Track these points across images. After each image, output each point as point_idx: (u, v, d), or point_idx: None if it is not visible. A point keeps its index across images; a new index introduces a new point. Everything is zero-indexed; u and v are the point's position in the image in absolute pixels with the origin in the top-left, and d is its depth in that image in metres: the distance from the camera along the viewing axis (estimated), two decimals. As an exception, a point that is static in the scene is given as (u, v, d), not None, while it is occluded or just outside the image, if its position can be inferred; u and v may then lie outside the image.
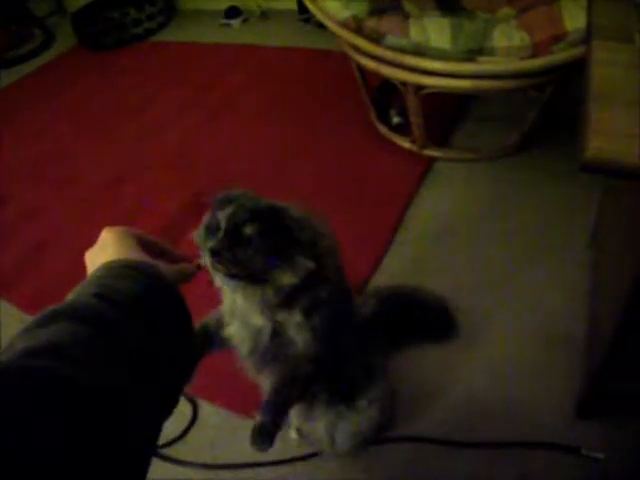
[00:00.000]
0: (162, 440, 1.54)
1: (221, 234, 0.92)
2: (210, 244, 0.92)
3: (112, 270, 0.68)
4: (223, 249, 0.91)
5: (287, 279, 0.96)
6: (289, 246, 0.95)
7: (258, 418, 1.07)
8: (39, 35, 4.08)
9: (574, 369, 1.53)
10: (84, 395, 0.51)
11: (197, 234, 0.99)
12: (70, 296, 0.64)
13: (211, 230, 0.95)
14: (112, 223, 0.82)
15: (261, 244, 0.92)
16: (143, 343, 0.61)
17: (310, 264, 0.97)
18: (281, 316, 1.04)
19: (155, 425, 0.64)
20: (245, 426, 1.56)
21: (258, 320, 1.05)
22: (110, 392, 0.54)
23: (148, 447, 0.62)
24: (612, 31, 1.17)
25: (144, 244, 0.79)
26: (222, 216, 0.94)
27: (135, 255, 0.74)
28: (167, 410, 0.67)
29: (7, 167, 2.81)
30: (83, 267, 2.13)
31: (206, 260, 0.92)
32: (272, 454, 1.37)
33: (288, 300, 1.00)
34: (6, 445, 0.43)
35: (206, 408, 1.63)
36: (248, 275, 0.94)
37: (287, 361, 1.09)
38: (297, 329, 1.05)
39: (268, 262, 0.94)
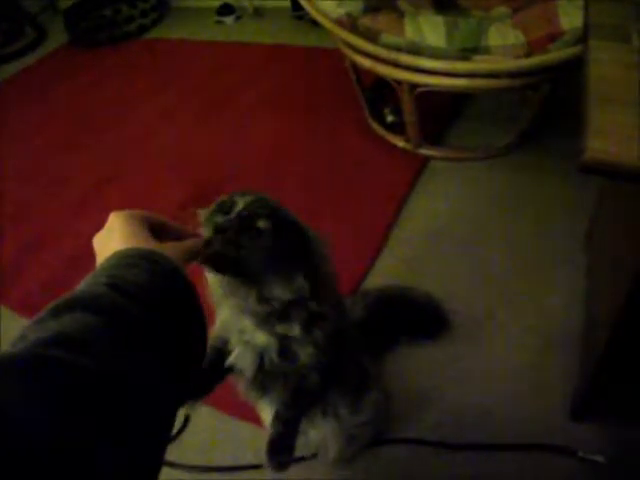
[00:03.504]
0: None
1: (234, 214, 0.88)
2: (218, 219, 0.88)
3: (122, 259, 0.67)
4: (230, 228, 0.86)
5: (278, 292, 0.92)
6: (294, 262, 0.92)
7: (269, 435, 1.06)
8: (30, 32, 4.05)
9: (571, 371, 1.52)
10: (97, 385, 0.51)
11: (204, 211, 0.93)
12: (80, 286, 0.63)
13: (223, 209, 0.90)
14: (105, 222, 0.80)
15: (269, 244, 0.88)
16: (155, 331, 0.61)
17: (306, 287, 0.93)
18: (280, 328, 0.99)
19: (170, 412, 0.63)
20: (239, 428, 1.57)
21: (261, 338, 1.01)
22: (122, 381, 0.54)
23: (164, 434, 0.61)
24: (610, 31, 1.16)
25: (151, 226, 0.77)
26: (241, 200, 0.90)
27: (143, 241, 0.72)
28: (180, 398, 0.68)
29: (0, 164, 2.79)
30: (76, 266, 2.13)
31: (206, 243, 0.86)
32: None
33: (281, 314, 0.97)
34: (17, 439, 0.43)
35: (200, 410, 1.62)
36: (239, 272, 0.89)
37: (293, 375, 1.06)
38: (298, 343, 1.01)
39: (267, 266, 0.90)
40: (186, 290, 0.70)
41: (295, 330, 0.99)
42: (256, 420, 1.42)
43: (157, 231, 0.77)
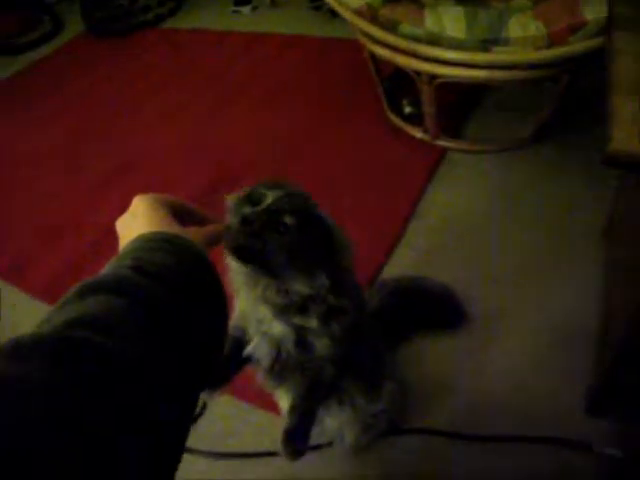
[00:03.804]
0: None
1: (262, 207, 0.88)
2: (245, 210, 0.88)
3: (146, 242, 0.68)
4: (257, 221, 0.86)
5: (298, 287, 0.93)
6: (316, 259, 0.92)
7: (285, 424, 1.07)
8: (48, 21, 4.06)
9: (587, 366, 1.52)
10: (121, 366, 0.51)
11: (232, 198, 0.94)
12: (105, 269, 0.64)
13: (252, 200, 0.90)
14: (123, 210, 0.81)
15: (294, 240, 0.88)
16: (178, 314, 0.61)
17: (326, 284, 0.94)
18: (298, 319, 1.00)
19: (191, 397, 0.64)
20: (256, 416, 1.57)
21: (278, 328, 1.01)
22: (146, 363, 0.54)
23: (186, 418, 0.62)
24: (634, 22, 1.16)
25: (174, 210, 0.78)
26: (270, 193, 0.90)
27: (167, 224, 0.73)
28: (202, 380, 0.67)
29: (18, 153, 2.81)
30: (95, 252, 2.14)
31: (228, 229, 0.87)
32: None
33: (299, 307, 0.98)
34: (45, 419, 0.44)
35: (217, 397, 1.62)
36: (261, 264, 0.90)
37: (310, 366, 1.07)
38: (315, 334, 1.02)
39: (289, 261, 0.90)
40: (209, 274, 0.70)
41: (312, 322, 1.00)
42: (273, 407, 1.43)
43: (179, 215, 0.78)
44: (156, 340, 0.57)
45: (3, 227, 2.39)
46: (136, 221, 0.75)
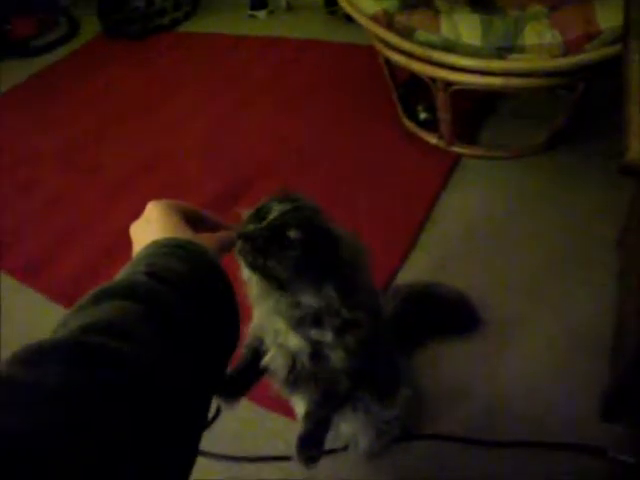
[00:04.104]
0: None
1: (264, 224, 0.88)
2: (248, 227, 0.88)
3: (160, 248, 0.69)
4: (258, 239, 0.86)
5: (307, 300, 0.93)
6: (323, 272, 0.91)
7: (300, 431, 1.08)
8: (64, 24, 4.09)
9: (601, 372, 1.51)
10: (135, 371, 0.52)
11: (247, 213, 0.93)
12: (119, 275, 0.65)
13: (260, 215, 0.90)
14: (137, 213, 0.82)
15: (298, 254, 0.87)
16: (192, 319, 0.62)
17: (335, 297, 0.93)
18: (313, 333, 0.99)
19: (204, 401, 0.65)
20: (271, 420, 1.58)
21: (294, 341, 1.01)
22: (160, 368, 0.55)
23: (198, 422, 0.63)
24: (651, 31, 1.16)
25: (187, 216, 0.79)
26: (277, 207, 0.89)
27: (181, 231, 0.74)
28: (214, 385, 0.69)
29: (34, 154, 2.84)
30: (109, 255, 2.15)
31: (237, 244, 0.88)
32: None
33: (316, 319, 0.97)
34: (55, 422, 0.44)
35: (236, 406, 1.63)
36: (268, 276, 0.90)
37: (324, 378, 1.07)
38: (330, 347, 1.02)
39: (295, 275, 0.89)
40: (221, 280, 0.71)
41: (328, 336, 1.00)
42: (287, 412, 1.44)
43: (192, 221, 0.79)
44: (170, 345, 0.58)
45: (19, 228, 2.40)
46: (150, 227, 0.76)
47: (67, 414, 0.45)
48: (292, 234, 0.87)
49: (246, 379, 1.10)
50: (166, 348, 0.57)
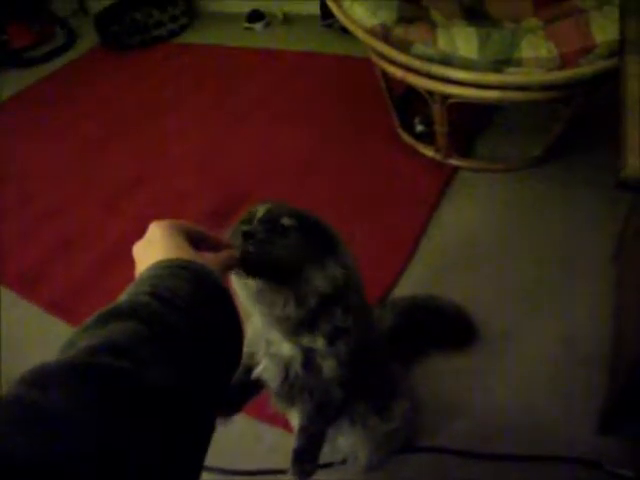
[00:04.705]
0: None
1: (257, 219, 0.90)
2: (244, 227, 0.89)
3: (164, 269, 0.69)
4: (258, 232, 0.88)
5: (318, 281, 0.93)
6: (324, 250, 0.94)
7: (294, 444, 1.08)
8: (61, 35, 4.11)
9: (599, 384, 1.52)
10: (146, 392, 0.53)
11: (230, 229, 0.94)
12: (124, 296, 0.65)
13: (245, 222, 0.92)
14: (134, 225, 0.82)
15: (298, 237, 0.91)
16: (197, 339, 0.62)
17: (340, 273, 0.95)
18: (306, 340, 1.01)
19: (208, 417, 0.65)
20: (266, 432, 1.58)
21: (287, 349, 1.03)
22: (167, 388, 0.55)
23: (202, 441, 0.62)
24: (646, 46, 1.17)
25: (190, 236, 0.79)
26: (260, 208, 0.93)
27: (184, 252, 0.74)
28: (218, 402, 0.69)
29: (30, 166, 2.84)
30: (105, 268, 2.15)
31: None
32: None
33: (310, 323, 0.98)
34: (69, 444, 0.45)
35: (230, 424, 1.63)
36: (275, 273, 0.91)
37: (317, 388, 1.08)
38: (322, 356, 1.03)
39: (301, 258, 0.91)
40: (225, 300, 0.71)
41: (319, 343, 1.01)
42: (283, 424, 1.44)
43: (195, 241, 0.79)
44: (174, 365, 0.58)
45: (16, 240, 2.40)
46: (153, 247, 0.76)
47: (77, 435, 0.46)
48: (286, 221, 0.90)
49: (239, 396, 1.11)
50: (171, 368, 0.57)
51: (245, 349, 1.07)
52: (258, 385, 1.11)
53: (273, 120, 2.84)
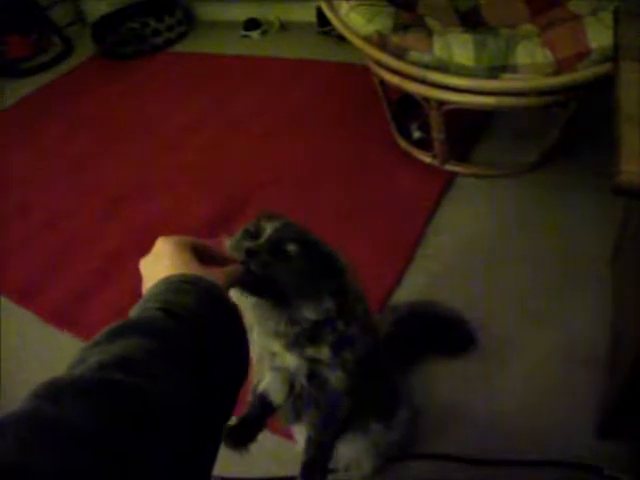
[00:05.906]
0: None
1: (264, 239, 0.91)
2: (248, 244, 0.90)
3: (172, 285, 0.70)
4: (262, 253, 0.88)
5: (308, 313, 0.94)
6: (322, 283, 0.94)
7: (303, 457, 1.08)
8: (58, 44, 4.12)
9: (597, 389, 1.52)
10: (157, 407, 0.53)
11: (232, 239, 0.96)
12: (133, 312, 0.66)
13: (251, 235, 0.93)
14: (133, 235, 0.82)
15: (299, 266, 0.91)
16: (205, 354, 0.63)
17: (333, 308, 0.96)
18: (310, 351, 1.01)
19: (217, 430, 0.66)
20: (266, 440, 1.57)
21: (291, 361, 1.03)
22: (177, 403, 0.56)
23: (211, 451, 0.63)
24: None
25: (197, 252, 0.79)
26: (269, 225, 0.93)
27: (191, 267, 0.75)
28: (227, 415, 0.69)
29: (28, 175, 2.85)
30: (102, 278, 2.15)
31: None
32: (292, 468, 1.36)
33: (313, 335, 0.99)
34: (81, 461, 0.45)
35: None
36: (274, 293, 0.92)
37: (323, 399, 1.08)
38: (327, 367, 1.03)
39: (297, 288, 0.92)
40: (232, 314, 0.72)
41: (324, 353, 1.01)
42: (283, 432, 1.44)
43: (201, 256, 0.80)
44: (184, 380, 0.59)
45: (14, 250, 2.41)
46: (160, 263, 0.77)
47: (89, 451, 0.46)
48: (291, 248, 0.91)
49: (253, 423, 1.12)
50: (182, 383, 0.58)
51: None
52: (270, 410, 1.11)
53: (271, 127, 2.85)
